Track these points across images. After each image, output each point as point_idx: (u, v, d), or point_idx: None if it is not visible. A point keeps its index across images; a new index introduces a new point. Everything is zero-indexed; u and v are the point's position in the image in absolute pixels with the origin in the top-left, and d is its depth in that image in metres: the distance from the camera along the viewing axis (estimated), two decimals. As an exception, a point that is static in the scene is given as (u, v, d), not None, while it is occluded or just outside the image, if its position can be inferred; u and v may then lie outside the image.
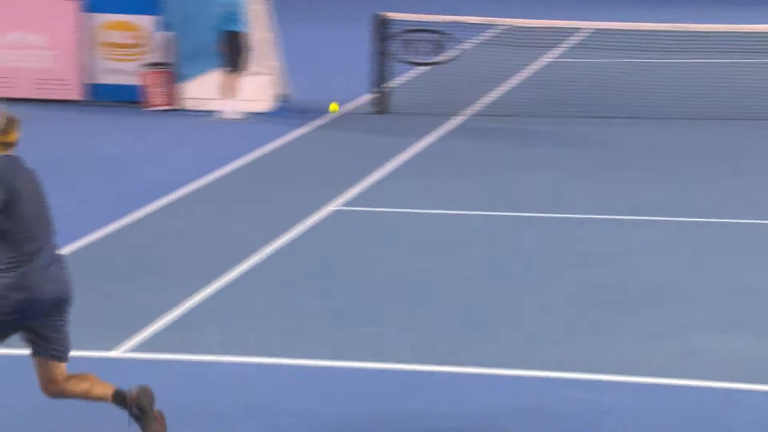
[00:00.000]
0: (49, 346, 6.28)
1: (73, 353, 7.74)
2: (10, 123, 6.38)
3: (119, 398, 6.37)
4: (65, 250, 9.82)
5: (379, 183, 12.27)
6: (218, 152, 13.41)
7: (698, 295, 9.04)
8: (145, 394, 6.41)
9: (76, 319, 8.37)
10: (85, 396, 6.41)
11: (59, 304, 6.32)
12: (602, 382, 7.40)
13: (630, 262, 9.79)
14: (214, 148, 13.70)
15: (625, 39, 17.64)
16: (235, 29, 15.10)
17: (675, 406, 7.07)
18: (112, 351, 7.89)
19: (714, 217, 11.06)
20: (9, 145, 6.38)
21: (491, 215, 11.15)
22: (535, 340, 8.09)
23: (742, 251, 10.15)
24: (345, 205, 11.42)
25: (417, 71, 17.01)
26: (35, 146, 13.75)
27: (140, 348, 7.98)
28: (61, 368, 6.34)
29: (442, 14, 16.68)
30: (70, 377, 6.38)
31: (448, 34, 16.07)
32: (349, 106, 15.92)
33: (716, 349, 7.95)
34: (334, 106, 15.14)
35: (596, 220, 11.06)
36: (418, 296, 9.01)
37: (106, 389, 6.41)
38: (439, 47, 16.03)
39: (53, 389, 6.36)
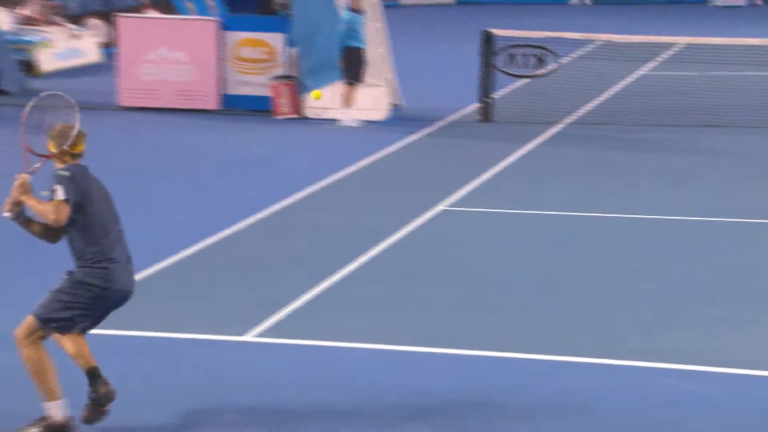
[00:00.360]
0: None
1: (208, 336, 7.93)
2: (80, 136, 6.56)
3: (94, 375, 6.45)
4: (212, 239, 10.12)
5: (484, 185, 12.28)
6: (338, 156, 13.51)
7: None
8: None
9: (214, 305, 8.57)
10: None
11: (127, 297, 6.53)
12: (696, 372, 7.33)
13: (725, 260, 9.66)
14: (334, 153, 13.81)
15: (713, 53, 17.40)
16: (354, 45, 15.20)
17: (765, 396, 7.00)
18: (244, 336, 7.95)
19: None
20: (77, 155, 6.55)
21: (590, 215, 11.11)
22: (634, 332, 8.06)
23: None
24: (452, 205, 11.45)
25: (520, 83, 16.95)
26: (179, 149, 14.16)
27: (268, 333, 8.04)
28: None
29: (544, 30, 16.59)
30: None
31: (549, 48, 16.00)
32: (457, 115, 15.95)
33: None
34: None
35: (691, 221, 10.95)
36: (523, 288, 9.03)
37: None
38: (541, 61, 15.98)
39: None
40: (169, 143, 14.60)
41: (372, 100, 15.62)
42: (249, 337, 7.94)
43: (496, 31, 15.85)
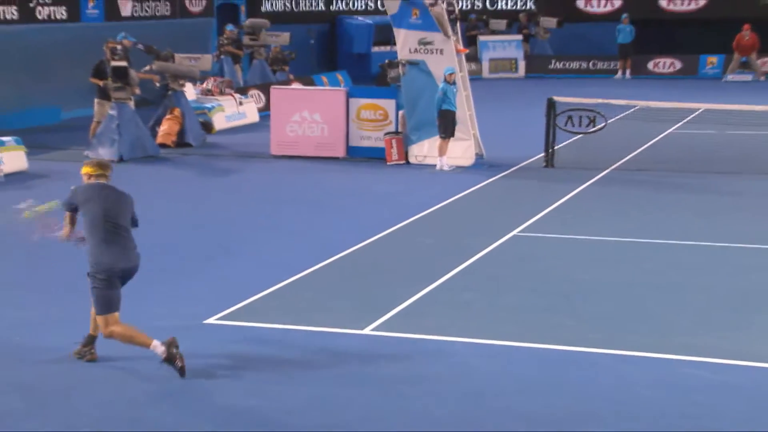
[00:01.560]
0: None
1: (330, 329, 7.90)
2: (100, 166, 7.10)
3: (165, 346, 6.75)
4: (344, 253, 10.13)
5: (547, 216, 12.11)
6: (436, 193, 13.46)
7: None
8: (171, 343, 6.77)
9: (337, 304, 8.59)
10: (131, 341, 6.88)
11: (129, 274, 6.91)
12: (724, 365, 7.11)
13: (751, 277, 9.38)
14: (433, 190, 13.75)
15: (727, 117, 17.02)
16: (448, 108, 15.16)
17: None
18: (364, 330, 7.95)
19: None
20: (100, 176, 7.01)
21: (636, 241, 10.86)
22: (677, 332, 7.86)
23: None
24: (523, 231, 11.32)
25: (576, 138, 16.71)
26: (316, 187, 14.27)
27: (382, 328, 8.03)
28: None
29: (595, 98, 16.34)
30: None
31: (599, 111, 15.76)
32: (527, 162, 15.76)
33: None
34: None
35: (721, 246, 10.66)
36: (584, 296, 8.86)
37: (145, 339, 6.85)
38: (592, 121, 15.75)
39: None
40: (311, 182, 14.74)
41: (461, 150, 15.55)
42: (367, 331, 7.90)
43: (557, 98, 15.66)
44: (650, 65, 30.06)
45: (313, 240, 11.03)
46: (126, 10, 22.35)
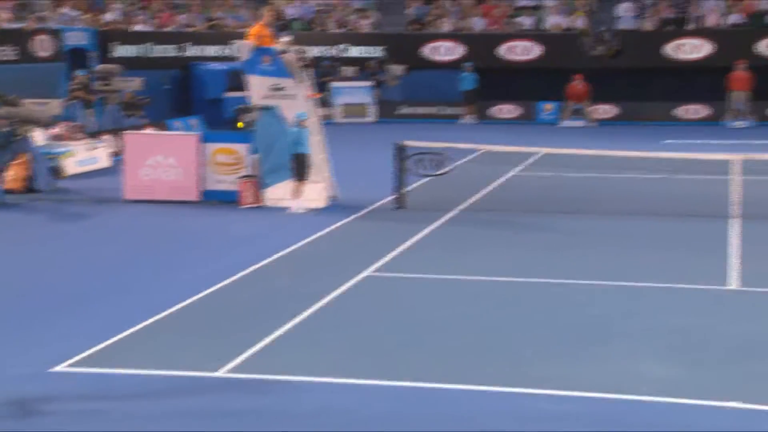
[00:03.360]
0: None
1: (181, 373, 7.72)
2: None
3: None
4: (194, 298, 9.90)
5: (400, 256, 12.24)
6: (291, 235, 13.39)
7: (639, 333, 8.90)
8: None
9: (191, 346, 8.38)
10: None
11: None
12: (564, 396, 7.28)
13: (588, 311, 9.64)
14: (288, 232, 13.68)
15: (563, 160, 17.69)
16: (301, 151, 15.18)
17: (614, 414, 6.96)
18: (218, 372, 7.80)
19: (650, 282, 10.92)
20: None
21: (483, 279, 11.06)
22: (521, 365, 8.03)
23: (661, 305, 10.02)
24: (376, 271, 11.39)
25: (426, 180, 16.99)
26: (171, 230, 13.96)
27: (237, 369, 7.90)
28: None
29: (442, 142, 16.70)
30: None
31: (446, 155, 16.10)
32: (378, 204, 15.92)
33: (646, 372, 7.84)
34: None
35: (559, 283, 10.95)
36: (436, 333, 8.95)
37: None
38: (440, 163, 16.08)
39: None
40: (166, 225, 14.44)
41: (315, 193, 15.59)
42: (221, 373, 7.76)
43: (406, 142, 15.93)
44: (493, 111, 31.03)
45: (168, 283, 10.79)
46: (-29, 54, 21.45)
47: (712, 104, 29.34)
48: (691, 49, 29.74)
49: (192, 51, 29.85)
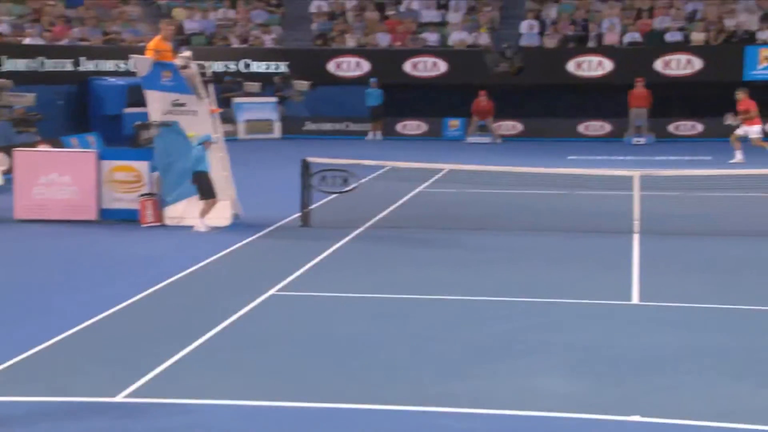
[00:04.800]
0: None
1: (78, 399, 7.57)
2: None
3: None
4: (93, 320, 9.71)
5: (305, 274, 12.25)
6: (193, 254, 13.27)
7: (542, 349, 9.07)
8: None
9: (89, 371, 8.23)
10: None
11: None
12: (468, 413, 7.37)
13: (495, 327, 9.80)
14: (190, 252, 13.55)
15: (469, 176, 17.97)
16: (201, 169, 15.08)
17: (517, 430, 7.09)
18: (117, 396, 7.68)
19: (553, 297, 11.12)
20: None
21: (390, 297, 11.13)
22: (426, 383, 8.08)
23: (564, 321, 10.25)
24: (281, 290, 11.37)
25: (331, 197, 17.04)
26: (67, 251, 13.67)
27: (136, 393, 7.79)
28: None
29: (348, 158, 16.78)
30: None
31: (351, 172, 16.18)
32: (284, 221, 15.89)
33: (549, 388, 7.99)
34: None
35: (461, 300, 11.11)
36: (341, 352, 8.97)
37: None
38: (345, 181, 16.16)
39: None
40: (62, 246, 14.13)
41: (218, 211, 15.44)
42: (120, 398, 7.65)
43: (312, 159, 15.95)
44: (399, 127, 31.33)
45: (64, 306, 10.56)
46: None
47: (614, 121, 30.24)
48: (592, 66, 30.63)
49: (88, 65, 29.30)
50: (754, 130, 24.08)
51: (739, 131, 24.13)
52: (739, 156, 23.83)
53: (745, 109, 24.07)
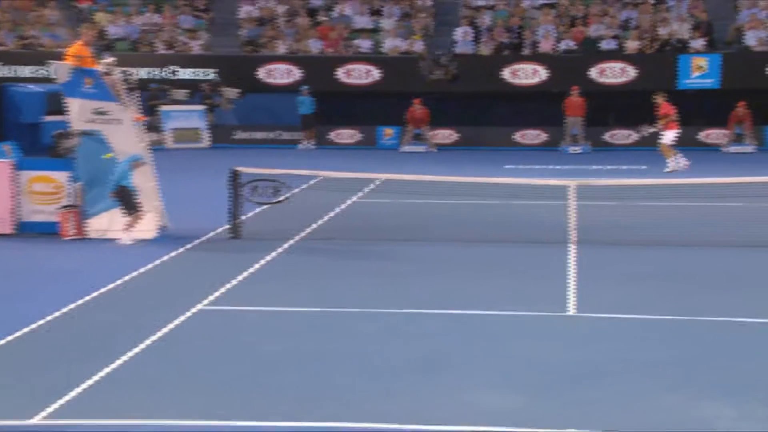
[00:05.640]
0: None
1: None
2: None
3: None
4: (14, 336, 9.48)
5: (235, 288, 12.15)
6: (118, 268, 13.08)
7: (477, 362, 9.12)
8: None
9: (3, 394, 8.03)
10: None
11: None
12: (397, 431, 7.36)
13: (428, 340, 9.82)
14: (114, 265, 13.36)
15: (403, 186, 18.04)
16: (124, 184, 14.95)
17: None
18: (33, 418, 7.51)
19: (488, 309, 11.19)
20: None
21: (322, 311, 11.09)
22: (358, 400, 8.07)
23: (500, 333, 10.32)
24: (209, 305, 11.26)
25: (261, 208, 16.95)
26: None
27: (56, 415, 7.64)
28: None
29: (279, 168, 16.71)
30: None
31: (283, 182, 16.12)
32: (213, 233, 15.75)
33: (483, 402, 8.03)
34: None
35: (394, 313, 11.13)
36: (271, 369, 8.90)
37: None
38: (277, 191, 16.10)
39: None
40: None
41: (144, 223, 15.26)
42: (37, 420, 7.48)
43: (241, 169, 15.86)
44: (332, 136, 31.34)
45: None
46: None
47: (549, 129, 30.65)
48: (527, 74, 31.02)
49: (3, 71, 28.72)
50: (668, 136, 24.57)
51: (665, 140, 24.62)
52: (672, 163, 24.33)
53: (665, 113, 24.59)
